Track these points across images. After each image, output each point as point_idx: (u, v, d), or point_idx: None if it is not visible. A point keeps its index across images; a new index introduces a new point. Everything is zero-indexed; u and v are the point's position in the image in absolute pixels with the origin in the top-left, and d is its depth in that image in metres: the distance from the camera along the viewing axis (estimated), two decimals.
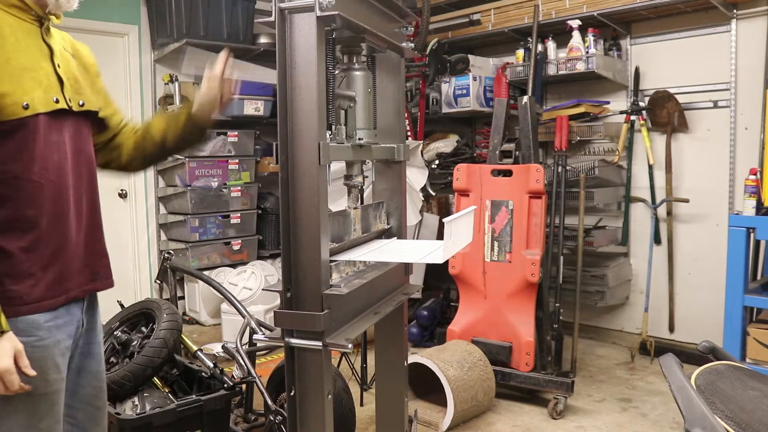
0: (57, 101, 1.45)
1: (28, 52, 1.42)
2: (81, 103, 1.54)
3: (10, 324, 1.37)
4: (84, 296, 1.59)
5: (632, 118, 4.07)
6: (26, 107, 1.38)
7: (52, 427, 1.50)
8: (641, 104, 4.07)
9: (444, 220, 1.50)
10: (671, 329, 4.11)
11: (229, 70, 1.64)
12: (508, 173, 3.46)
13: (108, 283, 1.65)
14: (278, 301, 1.47)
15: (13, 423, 1.44)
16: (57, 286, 1.48)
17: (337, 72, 1.70)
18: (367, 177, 1.91)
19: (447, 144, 4.70)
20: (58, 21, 1.51)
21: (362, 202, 1.93)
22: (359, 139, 1.73)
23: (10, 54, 1.38)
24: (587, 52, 3.96)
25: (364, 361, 3.41)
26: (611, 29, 4.08)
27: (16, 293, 1.41)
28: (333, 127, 1.60)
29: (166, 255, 3.54)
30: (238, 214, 4.98)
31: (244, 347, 2.79)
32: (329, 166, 1.51)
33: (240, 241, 5.01)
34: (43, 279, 1.45)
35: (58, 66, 1.47)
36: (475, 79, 4.38)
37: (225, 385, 2.55)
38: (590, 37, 3.96)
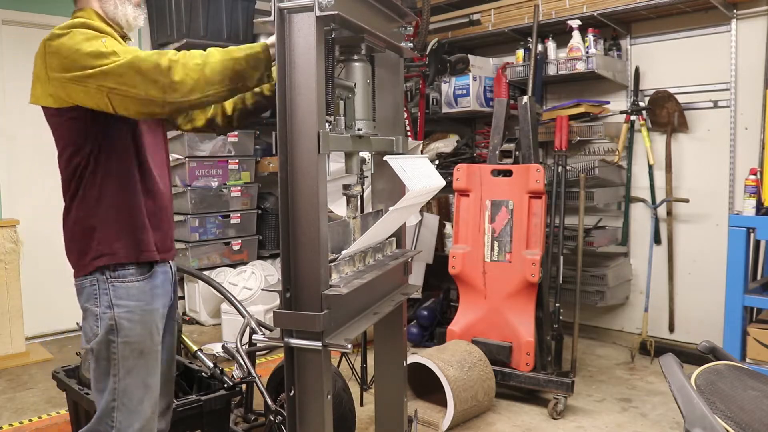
0: None
1: None
2: None
3: (123, 290, 1.67)
4: (172, 258, 1.88)
5: (632, 118, 4.07)
6: None
7: (157, 384, 1.76)
8: (641, 104, 4.06)
9: (386, 158, 1.61)
10: (671, 329, 4.11)
11: None
12: (508, 173, 3.46)
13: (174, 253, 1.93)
14: (278, 301, 1.47)
15: (130, 380, 1.68)
16: (163, 245, 1.78)
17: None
18: (366, 177, 1.90)
19: (447, 144, 4.70)
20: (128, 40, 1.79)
21: (362, 207, 1.92)
22: (358, 129, 1.72)
23: None
24: (587, 52, 3.96)
25: (363, 361, 3.41)
26: (611, 29, 4.08)
27: (143, 239, 1.71)
28: (332, 117, 1.59)
29: None
30: (238, 214, 4.98)
31: (244, 347, 2.79)
32: (328, 161, 1.50)
33: (240, 241, 5.01)
34: (156, 236, 1.75)
35: None
36: (475, 79, 4.38)
37: (225, 385, 2.55)
38: (590, 37, 3.95)
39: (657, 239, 4.10)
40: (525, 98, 3.53)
